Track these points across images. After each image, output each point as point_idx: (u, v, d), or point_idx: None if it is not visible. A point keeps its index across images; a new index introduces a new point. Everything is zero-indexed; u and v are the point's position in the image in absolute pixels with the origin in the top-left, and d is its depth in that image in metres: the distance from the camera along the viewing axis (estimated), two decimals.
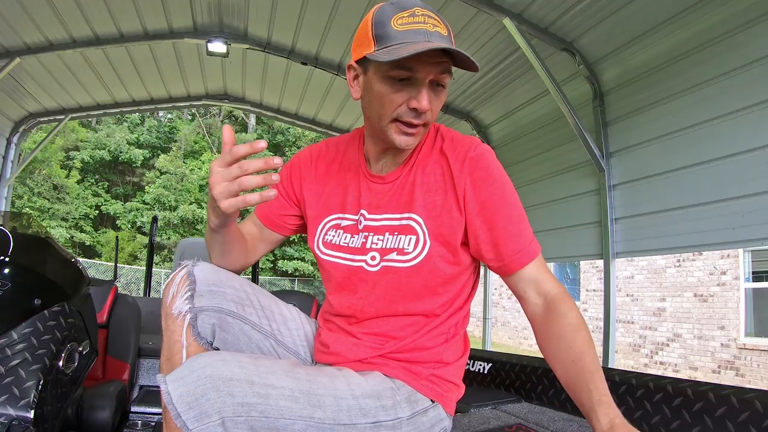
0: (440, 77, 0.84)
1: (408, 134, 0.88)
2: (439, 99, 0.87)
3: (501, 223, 0.90)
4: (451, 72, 0.85)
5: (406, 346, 0.94)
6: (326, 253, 0.99)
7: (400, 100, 0.84)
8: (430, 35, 0.81)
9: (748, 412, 1.02)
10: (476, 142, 0.95)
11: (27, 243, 1.36)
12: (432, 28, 0.81)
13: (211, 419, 0.67)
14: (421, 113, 0.85)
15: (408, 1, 0.84)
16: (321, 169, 1.05)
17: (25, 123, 5.42)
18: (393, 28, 0.81)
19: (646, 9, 2.92)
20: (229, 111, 20.49)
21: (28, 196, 15.46)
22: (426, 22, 0.82)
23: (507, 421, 1.30)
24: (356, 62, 0.89)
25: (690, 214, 2.90)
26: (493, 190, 0.91)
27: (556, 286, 0.89)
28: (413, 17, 0.82)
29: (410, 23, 0.81)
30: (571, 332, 0.82)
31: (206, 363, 0.71)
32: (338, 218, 1.00)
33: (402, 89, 0.84)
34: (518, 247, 0.90)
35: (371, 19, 0.85)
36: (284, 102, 5.90)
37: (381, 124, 0.88)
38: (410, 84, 0.83)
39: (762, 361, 6.28)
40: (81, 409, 1.54)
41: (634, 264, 8.28)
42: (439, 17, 0.84)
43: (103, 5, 3.81)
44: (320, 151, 1.07)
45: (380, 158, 0.98)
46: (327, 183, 1.03)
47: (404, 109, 0.85)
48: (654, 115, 3.15)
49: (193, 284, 0.88)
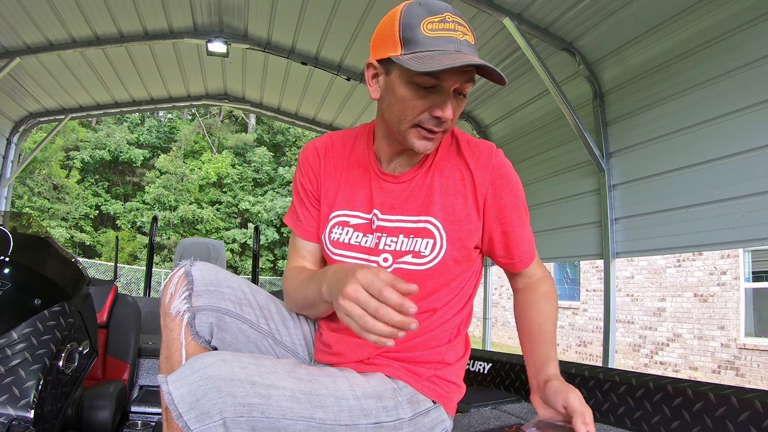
0: (464, 86, 0.83)
1: (428, 139, 0.87)
2: (460, 107, 0.86)
3: (515, 227, 0.96)
4: (474, 80, 0.83)
5: (409, 345, 0.94)
6: (336, 253, 0.97)
7: (424, 106, 0.83)
8: (460, 44, 0.79)
9: (748, 412, 1.02)
10: (493, 148, 0.96)
11: (27, 243, 1.36)
12: (462, 37, 0.80)
13: (212, 420, 0.67)
14: (443, 122, 0.84)
15: (438, 4, 0.81)
16: (329, 164, 1.02)
17: (25, 123, 5.42)
18: (423, 33, 0.79)
19: (646, 9, 2.92)
20: (229, 111, 20.52)
21: (28, 196, 15.46)
22: (456, 29, 0.80)
23: (507, 421, 1.30)
24: (378, 61, 0.85)
25: (690, 214, 2.90)
26: (511, 197, 0.94)
27: (541, 271, 1.03)
28: (444, 23, 0.79)
29: (441, 30, 0.79)
30: (545, 302, 0.99)
31: (207, 363, 0.71)
32: (345, 215, 0.98)
33: (426, 96, 0.82)
34: (527, 249, 0.99)
35: (399, 18, 0.81)
36: (284, 102, 5.90)
37: (401, 127, 0.87)
38: (435, 92, 0.82)
39: (762, 361, 6.28)
40: (81, 409, 1.54)
41: (634, 264, 8.28)
42: (467, 24, 0.83)
43: (103, 5, 3.81)
44: (326, 145, 1.04)
45: (394, 158, 0.97)
46: (335, 178, 1.01)
47: (426, 116, 0.84)
48: (654, 115, 3.15)
49: (190, 284, 0.88)
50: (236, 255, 17.79)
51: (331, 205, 1.00)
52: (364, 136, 1.02)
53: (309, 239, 1.03)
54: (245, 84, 5.63)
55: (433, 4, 0.81)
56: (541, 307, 0.98)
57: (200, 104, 6.13)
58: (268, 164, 19.64)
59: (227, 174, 19.05)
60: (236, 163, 19.68)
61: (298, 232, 1.05)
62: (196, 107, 9.91)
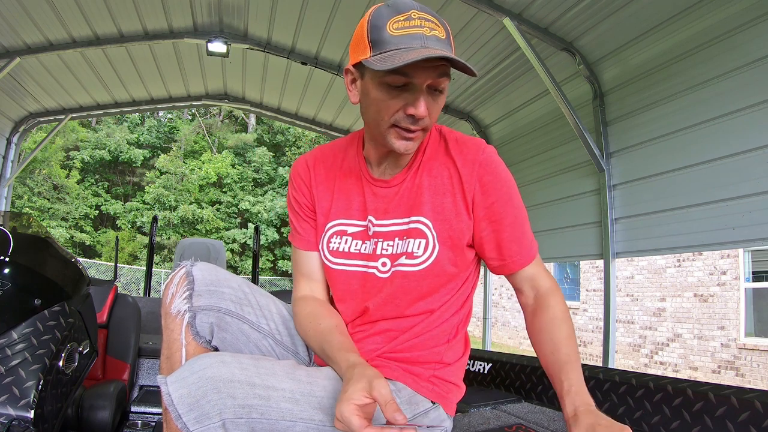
0: (438, 82, 0.81)
1: (407, 139, 0.86)
2: (438, 103, 0.85)
3: (506, 225, 0.92)
4: (449, 75, 0.82)
5: (408, 346, 0.94)
6: (336, 262, 0.98)
7: (397, 106, 0.83)
8: (426, 40, 0.78)
9: (748, 412, 1.02)
10: (482, 144, 0.94)
11: (27, 243, 1.36)
12: (429, 32, 0.79)
13: (211, 421, 0.67)
14: (418, 119, 0.83)
15: (405, 3, 0.81)
16: (321, 175, 1.02)
17: (25, 123, 5.42)
18: (388, 33, 0.79)
19: (646, 9, 2.92)
20: (229, 111, 20.51)
21: (28, 196, 15.46)
22: (423, 25, 0.79)
23: (507, 421, 1.30)
24: (354, 66, 0.87)
25: (690, 214, 2.90)
26: (501, 194, 0.91)
27: (548, 281, 0.95)
28: (409, 21, 0.79)
29: (406, 27, 0.79)
30: (553, 325, 0.89)
31: (207, 364, 0.71)
32: (342, 224, 0.98)
33: (399, 95, 0.82)
34: (520, 250, 0.93)
35: (367, 22, 0.82)
36: (284, 102, 5.90)
37: (380, 129, 0.87)
38: (407, 90, 0.81)
39: (762, 361, 6.28)
40: (81, 409, 1.54)
41: (634, 264, 8.28)
42: (437, 19, 0.82)
43: (103, 5, 3.80)
44: (316, 158, 1.04)
45: (382, 162, 0.97)
46: (328, 188, 1.01)
47: (401, 115, 0.83)
48: (654, 115, 3.15)
49: (191, 284, 0.89)
50: (236, 255, 17.79)
51: (326, 214, 1.00)
52: (355, 143, 1.03)
53: (310, 249, 1.03)
54: (245, 84, 5.63)
55: (401, 4, 0.81)
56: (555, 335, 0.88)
57: (200, 104, 6.13)
58: (268, 164, 19.64)
59: (227, 174, 19.05)
60: (236, 163, 19.67)
61: (298, 244, 1.04)
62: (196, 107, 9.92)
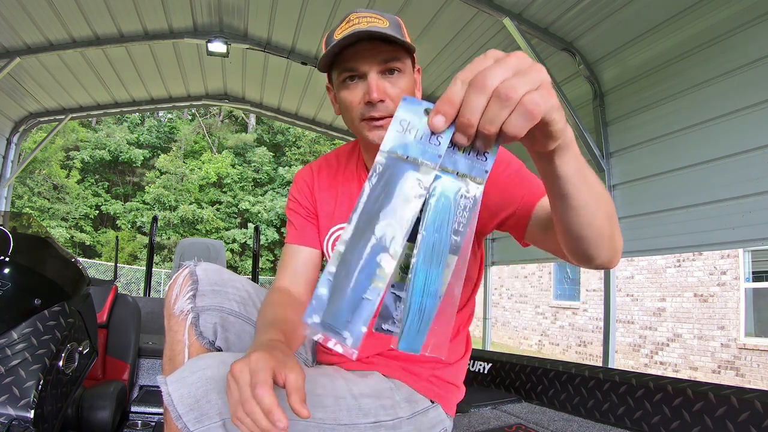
0: (387, 65, 0.85)
1: (377, 128, 0.87)
2: (397, 85, 0.86)
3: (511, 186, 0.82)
4: (400, 58, 0.86)
5: None
6: None
7: (357, 98, 0.87)
8: (360, 32, 0.81)
9: (748, 412, 1.02)
10: None
11: (27, 243, 1.36)
12: (366, 25, 0.82)
13: (212, 420, 0.67)
14: (375, 104, 0.85)
15: (350, 11, 0.87)
16: (324, 181, 1.05)
17: (25, 123, 5.41)
18: (333, 39, 0.85)
19: (646, 9, 2.92)
20: (229, 111, 20.51)
21: (28, 196, 15.46)
22: (360, 22, 0.83)
23: (507, 421, 1.30)
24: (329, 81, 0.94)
25: (690, 214, 2.90)
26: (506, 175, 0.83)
27: None
28: (348, 23, 0.84)
29: (345, 29, 0.84)
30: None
31: (207, 364, 0.71)
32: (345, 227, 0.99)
33: (355, 88, 0.87)
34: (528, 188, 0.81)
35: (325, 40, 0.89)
36: (284, 102, 5.90)
37: (356, 127, 0.90)
38: (360, 81, 0.86)
39: (762, 361, 6.28)
40: (81, 409, 1.54)
41: (634, 264, 8.28)
42: (380, 14, 0.85)
43: (103, 5, 3.80)
44: (320, 165, 1.08)
45: None
46: (331, 194, 1.04)
47: (362, 105, 0.87)
48: (654, 115, 3.15)
49: (195, 284, 0.88)
50: (236, 255, 17.79)
51: (330, 217, 1.02)
52: (356, 150, 1.06)
53: (302, 243, 1.02)
54: (245, 84, 5.63)
55: (346, 14, 0.88)
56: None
57: (200, 104, 6.13)
58: (268, 164, 19.64)
59: (227, 174, 19.05)
60: (236, 163, 19.67)
61: (290, 239, 1.03)
62: (196, 107, 9.92)
